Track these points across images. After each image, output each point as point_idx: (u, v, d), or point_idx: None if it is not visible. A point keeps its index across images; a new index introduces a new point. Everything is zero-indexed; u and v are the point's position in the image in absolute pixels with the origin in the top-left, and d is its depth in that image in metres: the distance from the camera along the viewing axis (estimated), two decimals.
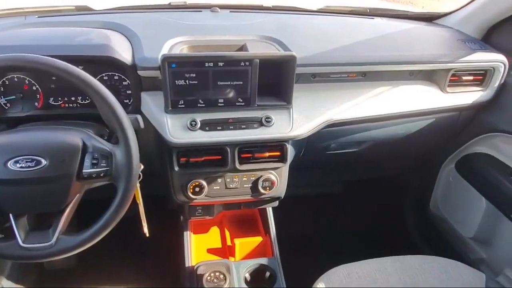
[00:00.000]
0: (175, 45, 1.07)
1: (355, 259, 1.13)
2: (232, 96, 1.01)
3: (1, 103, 1.02)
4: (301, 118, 1.06)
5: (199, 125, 0.99)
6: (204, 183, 1.07)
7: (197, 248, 1.32)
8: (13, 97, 1.02)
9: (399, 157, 1.58)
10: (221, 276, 1.13)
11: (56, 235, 0.83)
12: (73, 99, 1.05)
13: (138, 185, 0.91)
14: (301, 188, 1.57)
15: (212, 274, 1.13)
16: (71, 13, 1.29)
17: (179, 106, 1.00)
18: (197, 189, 1.07)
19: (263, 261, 1.21)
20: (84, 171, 0.83)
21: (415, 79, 1.24)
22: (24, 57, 0.79)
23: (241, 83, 0.99)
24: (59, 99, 1.04)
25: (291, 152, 1.12)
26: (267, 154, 1.06)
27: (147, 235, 1.06)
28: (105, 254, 1.44)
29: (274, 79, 1.03)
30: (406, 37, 1.34)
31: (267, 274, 1.20)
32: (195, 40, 1.11)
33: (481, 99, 1.29)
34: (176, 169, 1.03)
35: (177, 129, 0.99)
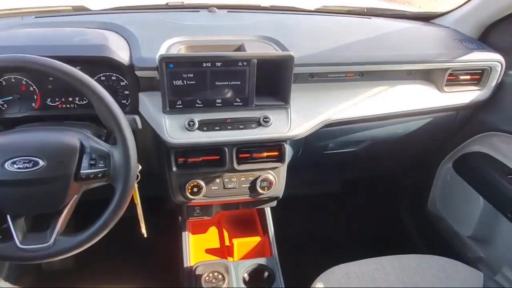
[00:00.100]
0: (173, 45, 1.07)
1: (354, 258, 1.13)
2: (230, 96, 1.01)
3: None
4: (299, 118, 1.06)
5: (197, 125, 0.99)
6: (202, 183, 1.07)
7: (196, 248, 1.32)
8: (10, 98, 1.01)
9: (397, 156, 1.58)
10: (220, 276, 1.13)
11: (54, 236, 0.83)
12: (70, 99, 1.04)
13: (136, 185, 0.91)
14: (299, 188, 1.57)
15: (210, 274, 1.13)
16: (68, 14, 1.29)
17: (177, 106, 0.99)
18: (195, 190, 1.07)
19: (262, 261, 1.21)
20: (82, 171, 0.82)
21: (412, 79, 1.24)
22: (21, 58, 0.79)
23: (239, 83, 0.99)
24: (57, 99, 1.04)
25: (289, 152, 1.12)
26: (265, 154, 1.06)
27: (145, 235, 1.06)
28: (103, 255, 1.43)
29: (272, 79, 1.02)
30: (403, 36, 1.35)
31: (266, 274, 1.20)
32: (192, 40, 1.11)
33: (478, 99, 1.29)
34: (174, 169, 1.03)
35: (175, 130, 0.99)
